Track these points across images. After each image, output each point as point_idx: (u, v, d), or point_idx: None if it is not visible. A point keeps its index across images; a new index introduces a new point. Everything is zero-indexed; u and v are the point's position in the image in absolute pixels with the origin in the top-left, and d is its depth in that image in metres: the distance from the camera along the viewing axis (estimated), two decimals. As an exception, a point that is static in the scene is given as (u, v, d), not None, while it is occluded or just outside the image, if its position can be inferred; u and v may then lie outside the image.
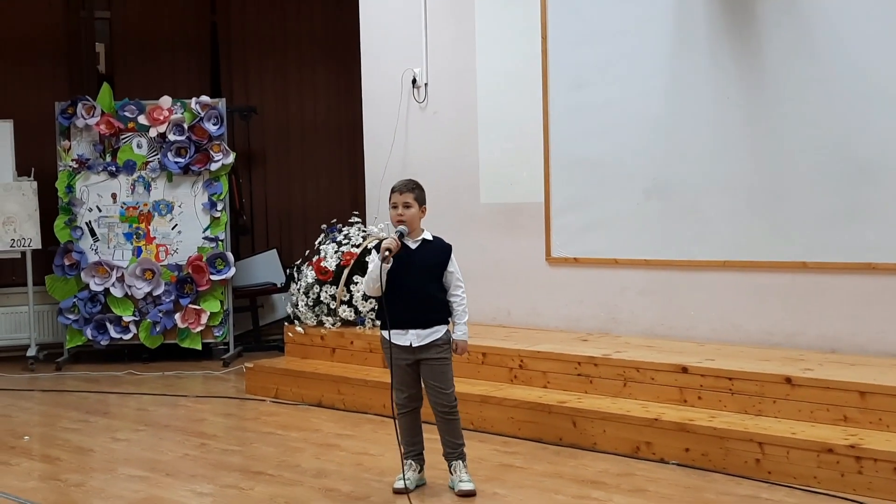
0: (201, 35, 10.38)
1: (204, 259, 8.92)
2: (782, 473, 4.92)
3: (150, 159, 9.08)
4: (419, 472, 4.99)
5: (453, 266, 4.91)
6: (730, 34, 6.39)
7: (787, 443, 4.94)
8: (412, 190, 4.89)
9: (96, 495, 5.08)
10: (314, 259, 7.73)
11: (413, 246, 4.89)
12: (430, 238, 4.94)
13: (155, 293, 8.93)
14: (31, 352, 9.04)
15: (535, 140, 7.34)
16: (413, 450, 4.99)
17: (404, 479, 4.88)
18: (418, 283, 4.85)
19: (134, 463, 5.68)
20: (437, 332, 4.88)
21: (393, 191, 4.92)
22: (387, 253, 4.73)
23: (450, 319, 4.93)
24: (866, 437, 4.88)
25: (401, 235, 4.82)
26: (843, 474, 4.74)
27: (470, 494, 4.83)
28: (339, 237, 7.76)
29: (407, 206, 4.86)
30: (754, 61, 6.28)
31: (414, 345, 4.86)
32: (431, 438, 5.05)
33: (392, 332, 4.87)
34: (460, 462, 4.93)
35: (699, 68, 6.54)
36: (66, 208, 9.01)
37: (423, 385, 4.96)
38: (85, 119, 8.99)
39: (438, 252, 4.91)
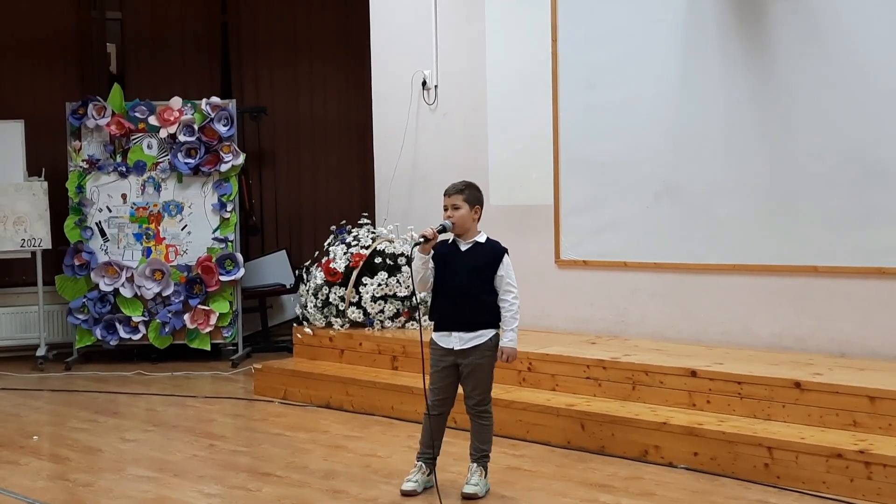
0: (212, 35, 10.40)
1: (213, 260, 8.93)
2: (791, 478, 4.90)
3: (160, 160, 9.09)
4: (428, 475, 4.98)
5: (504, 269, 4.85)
6: (741, 36, 6.37)
7: (797, 447, 4.92)
8: (461, 191, 4.85)
9: (105, 495, 5.09)
10: (323, 260, 7.73)
11: (463, 247, 4.87)
12: (483, 240, 4.91)
13: (164, 293, 8.94)
14: (41, 351, 9.05)
15: (545, 142, 7.34)
16: (428, 453, 4.97)
17: (422, 472, 4.91)
18: (464, 285, 4.82)
19: (142, 463, 5.69)
20: (483, 336, 4.84)
21: (444, 194, 4.89)
22: (420, 240, 4.72)
23: (500, 325, 4.88)
24: (876, 442, 4.86)
25: (442, 229, 4.79)
26: (852, 479, 4.72)
27: (470, 498, 4.82)
28: (349, 238, 7.76)
29: (456, 207, 4.83)
30: (766, 63, 6.27)
31: (456, 347, 4.84)
32: (449, 442, 5.05)
33: (438, 333, 4.87)
34: (475, 465, 4.91)
35: (710, 70, 6.52)
36: (77, 208, 9.03)
37: (459, 387, 4.93)
38: (96, 119, 9.01)
39: (488, 254, 4.87)
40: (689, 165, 6.64)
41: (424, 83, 8.15)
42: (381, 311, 7.46)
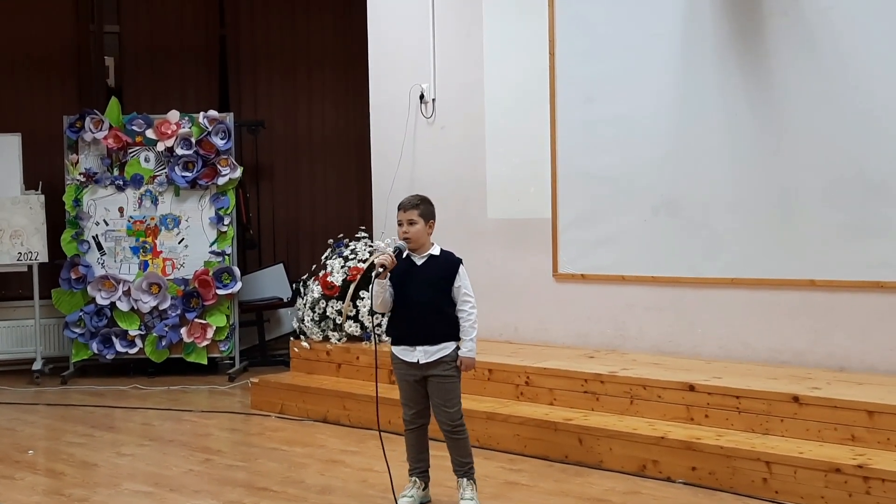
0: (210, 49, 10.41)
1: (210, 273, 8.92)
2: (790, 493, 4.89)
3: (157, 173, 9.09)
4: (423, 490, 4.97)
5: (461, 280, 4.86)
6: (738, 50, 6.38)
7: (795, 462, 4.91)
8: (416, 206, 4.86)
9: (100, 510, 5.08)
10: (320, 274, 7.72)
11: (419, 262, 4.87)
12: (438, 253, 4.91)
13: (161, 307, 8.92)
14: (37, 365, 9.03)
15: (543, 155, 7.33)
16: (418, 467, 4.96)
17: (417, 487, 4.87)
18: (425, 299, 4.82)
19: (138, 478, 5.67)
20: (446, 348, 4.83)
21: (398, 208, 4.90)
22: (380, 269, 4.72)
23: (460, 336, 4.87)
24: (874, 456, 4.84)
25: (398, 251, 4.80)
26: (850, 494, 4.70)
27: None
28: (346, 252, 7.75)
29: (412, 222, 4.84)
30: (763, 78, 6.27)
31: (421, 361, 4.83)
32: (438, 455, 5.03)
33: (400, 348, 4.86)
34: (465, 479, 4.89)
35: (708, 84, 6.53)
36: (74, 222, 9.02)
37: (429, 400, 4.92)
38: (93, 133, 9.01)
39: (445, 266, 4.88)
40: (687, 179, 6.64)
41: (422, 97, 8.15)
42: (379, 325, 7.44)
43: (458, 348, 4.85)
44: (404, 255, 4.86)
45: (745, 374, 5.90)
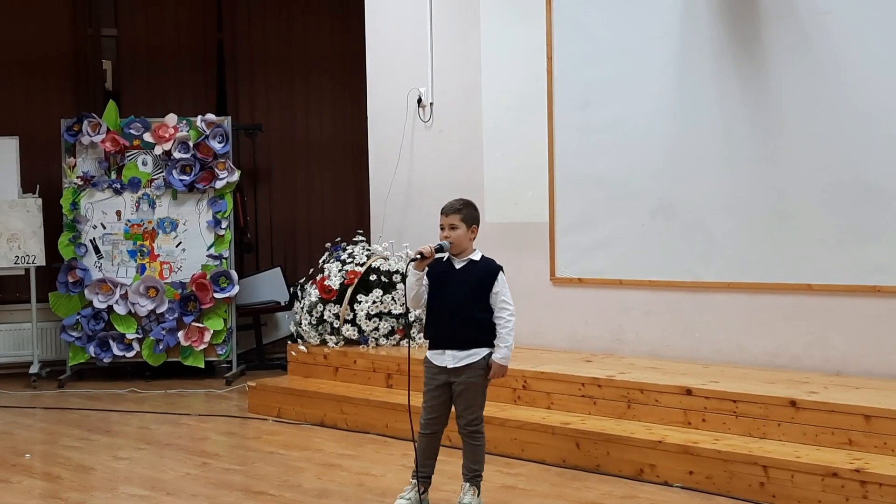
0: (208, 53, 10.42)
1: (208, 277, 8.92)
2: (787, 497, 4.89)
3: (154, 177, 9.08)
4: (422, 494, 4.95)
5: (499, 287, 4.82)
6: (735, 55, 6.39)
7: (792, 466, 4.90)
8: (458, 211, 4.83)
9: (96, 514, 5.07)
10: (318, 277, 7.72)
11: (458, 266, 4.85)
12: (478, 258, 4.89)
13: (158, 311, 8.92)
14: (34, 369, 9.01)
15: (541, 159, 7.34)
16: (423, 472, 4.93)
17: (416, 490, 4.87)
18: (458, 303, 4.80)
19: (135, 482, 5.66)
20: (476, 354, 4.80)
21: (441, 212, 4.87)
22: (417, 256, 4.71)
23: (495, 343, 4.83)
24: (871, 461, 4.84)
25: (440, 248, 4.78)
26: (847, 498, 4.70)
27: None
28: (344, 256, 7.75)
29: (453, 227, 4.81)
30: (760, 82, 6.28)
31: (449, 366, 4.81)
32: (444, 461, 5.03)
33: (432, 351, 4.86)
34: (468, 484, 4.88)
35: (705, 88, 6.53)
36: (71, 225, 9.01)
37: (451, 407, 4.90)
38: (90, 136, 9.00)
39: (483, 272, 4.84)
40: (684, 183, 6.64)
41: (420, 100, 8.15)
42: (376, 329, 7.45)
43: (489, 355, 4.82)
44: (445, 256, 4.84)
45: (742, 378, 5.90)
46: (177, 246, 9.07)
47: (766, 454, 5.05)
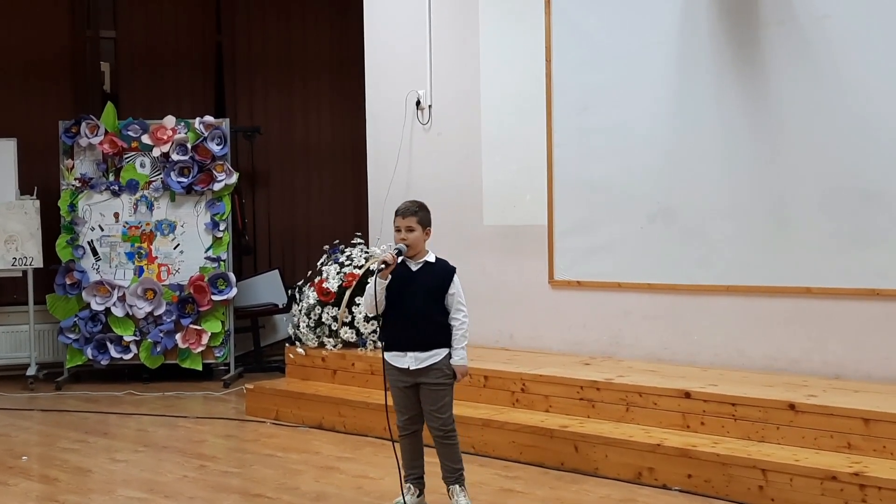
0: (206, 55, 10.42)
1: (206, 279, 8.90)
2: (785, 501, 4.88)
3: (152, 179, 9.07)
4: (418, 496, 4.95)
5: (455, 288, 4.86)
6: (734, 59, 6.39)
7: (791, 470, 4.90)
8: (415, 213, 4.86)
9: (94, 517, 5.06)
10: (316, 280, 7.71)
11: (414, 268, 4.86)
12: (433, 260, 4.91)
13: (156, 313, 8.91)
14: (31, 371, 9.00)
15: (539, 163, 7.34)
16: (413, 473, 4.95)
17: (404, 500, 4.85)
18: (418, 305, 4.82)
19: (133, 484, 5.65)
20: (437, 355, 4.83)
21: (396, 214, 4.90)
22: (382, 266, 4.71)
23: (451, 344, 4.86)
24: (870, 464, 4.84)
25: (398, 252, 4.79)
26: (846, 502, 4.70)
27: None
28: (342, 258, 7.74)
29: (410, 229, 4.83)
30: (759, 86, 6.28)
31: (412, 367, 4.82)
32: (432, 462, 5.01)
33: (391, 353, 4.85)
34: (457, 486, 4.89)
35: (704, 93, 6.53)
36: (69, 227, 9.00)
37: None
38: (88, 138, 9.00)
39: (440, 274, 4.87)
40: (683, 187, 6.64)
41: (418, 103, 8.15)
42: (374, 332, 7.43)
43: (449, 356, 4.84)
44: (401, 259, 4.85)
45: (741, 382, 5.89)
46: (175, 248, 9.06)
47: (764, 458, 5.04)
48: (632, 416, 5.89)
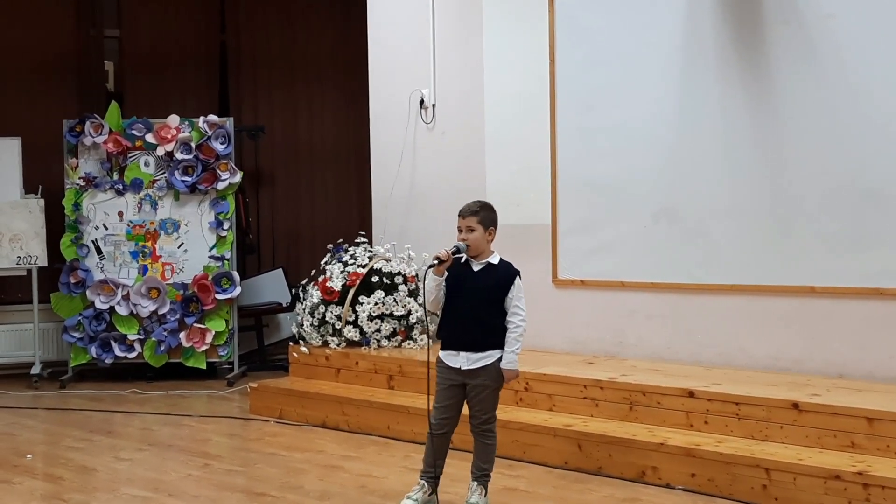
0: (210, 54, 10.42)
1: (210, 278, 8.92)
2: (789, 500, 4.89)
3: (157, 178, 9.09)
4: (430, 495, 4.92)
5: (515, 291, 4.82)
6: (738, 59, 6.39)
7: (794, 469, 4.90)
8: (475, 213, 4.83)
9: (99, 515, 5.07)
10: (320, 279, 7.72)
11: (476, 268, 4.85)
12: (496, 262, 4.88)
13: (160, 312, 8.92)
14: (36, 369, 9.02)
15: (543, 162, 7.34)
16: (430, 472, 4.93)
17: (424, 492, 4.88)
18: (474, 306, 4.80)
19: (137, 483, 5.66)
20: (489, 357, 4.81)
21: (458, 215, 4.87)
22: (435, 262, 4.71)
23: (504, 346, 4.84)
24: (874, 463, 4.84)
25: (456, 250, 4.77)
26: (850, 501, 4.70)
27: None
28: (346, 257, 7.75)
29: (470, 229, 4.81)
30: (762, 86, 6.28)
31: (463, 367, 4.81)
32: (451, 463, 5.02)
33: (445, 352, 4.86)
34: (476, 483, 4.89)
35: (707, 93, 6.54)
36: (73, 226, 9.01)
37: (464, 407, 4.89)
38: (93, 137, 9.01)
39: (501, 276, 4.84)
40: (687, 187, 6.64)
41: (422, 102, 8.16)
42: (378, 331, 7.45)
43: (501, 357, 4.82)
44: (463, 258, 4.83)
45: (745, 381, 5.89)
46: (179, 247, 9.07)
47: (768, 457, 5.04)
48: (635, 416, 5.89)
